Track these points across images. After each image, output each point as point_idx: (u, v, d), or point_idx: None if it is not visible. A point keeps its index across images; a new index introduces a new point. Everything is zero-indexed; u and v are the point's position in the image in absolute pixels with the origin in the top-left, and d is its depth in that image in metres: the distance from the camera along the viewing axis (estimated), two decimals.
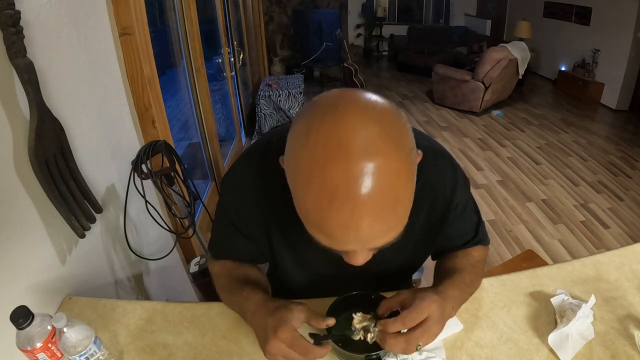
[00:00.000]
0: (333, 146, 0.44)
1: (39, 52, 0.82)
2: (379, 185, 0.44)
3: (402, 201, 0.47)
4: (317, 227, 0.48)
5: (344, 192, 0.43)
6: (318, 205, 0.45)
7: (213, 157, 2.49)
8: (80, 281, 0.97)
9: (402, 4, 7.75)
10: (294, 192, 0.50)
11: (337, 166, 0.43)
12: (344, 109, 0.46)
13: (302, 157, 0.46)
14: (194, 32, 2.14)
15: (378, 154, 0.43)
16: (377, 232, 0.47)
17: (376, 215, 0.45)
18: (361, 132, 0.44)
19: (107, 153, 1.16)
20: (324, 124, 0.45)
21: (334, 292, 0.75)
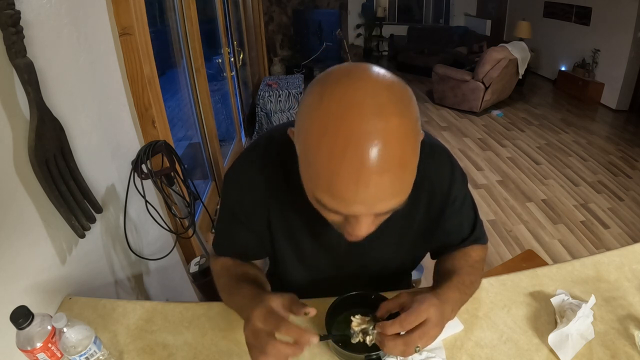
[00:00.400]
0: (347, 104, 0.46)
1: (39, 52, 0.82)
2: (389, 144, 0.46)
3: (408, 166, 0.50)
4: (326, 185, 0.49)
5: (355, 146, 0.45)
6: (330, 159, 0.47)
7: (213, 157, 2.49)
8: (80, 281, 0.97)
9: (402, 4, 7.75)
10: (306, 154, 0.51)
11: (351, 122, 0.45)
12: (357, 75, 0.49)
13: (316, 115, 0.48)
14: (194, 32, 2.14)
15: (389, 115, 0.46)
16: (384, 192, 0.48)
17: (384, 173, 0.47)
18: (374, 94, 0.47)
19: (107, 153, 1.16)
20: (338, 87, 0.48)
21: (334, 291, 0.75)
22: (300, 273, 0.83)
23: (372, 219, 0.54)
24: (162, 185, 1.35)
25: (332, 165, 0.47)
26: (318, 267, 0.81)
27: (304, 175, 0.54)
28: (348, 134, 0.45)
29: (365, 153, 0.45)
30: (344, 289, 0.74)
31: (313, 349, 0.72)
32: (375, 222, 0.55)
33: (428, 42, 6.91)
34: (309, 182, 0.53)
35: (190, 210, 1.48)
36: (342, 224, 0.56)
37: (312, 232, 0.75)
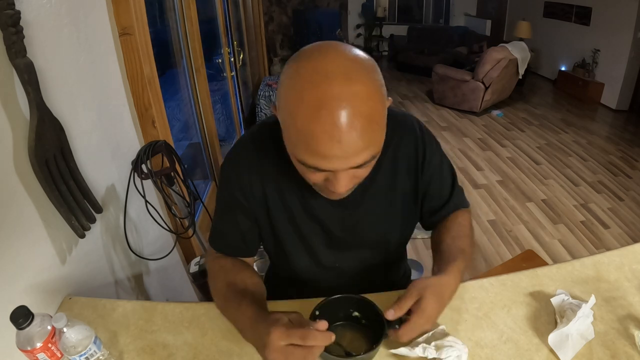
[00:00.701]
0: (317, 74, 0.54)
1: (39, 52, 0.82)
2: (355, 104, 0.54)
3: (377, 121, 0.57)
4: (305, 144, 0.56)
5: (327, 107, 0.53)
6: (306, 120, 0.54)
7: (213, 157, 2.49)
8: (80, 281, 0.97)
9: (402, 4, 7.75)
10: (286, 121, 0.58)
11: (322, 88, 0.53)
12: (326, 50, 0.57)
13: (292, 86, 0.56)
14: (194, 32, 2.14)
15: (355, 79, 0.54)
16: (355, 145, 0.55)
17: (353, 128, 0.54)
18: (341, 64, 0.55)
19: (107, 153, 1.16)
20: (310, 59, 0.56)
21: (334, 278, 0.81)
22: (299, 254, 0.84)
23: (350, 176, 0.60)
24: (162, 185, 1.35)
25: (308, 126, 0.54)
26: (316, 246, 0.82)
27: (287, 141, 0.60)
28: (320, 99, 0.53)
29: (335, 113, 0.53)
30: (343, 275, 0.80)
31: None
32: (353, 179, 0.62)
33: (428, 42, 6.91)
34: (291, 145, 0.59)
35: (190, 210, 1.48)
36: (324, 184, 0.63)
37: (306, 207, 0.78)
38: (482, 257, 2.42)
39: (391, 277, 0.97)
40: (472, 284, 0.86)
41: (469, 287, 0.85)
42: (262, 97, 3.83)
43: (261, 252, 2.33)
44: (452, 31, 7.22)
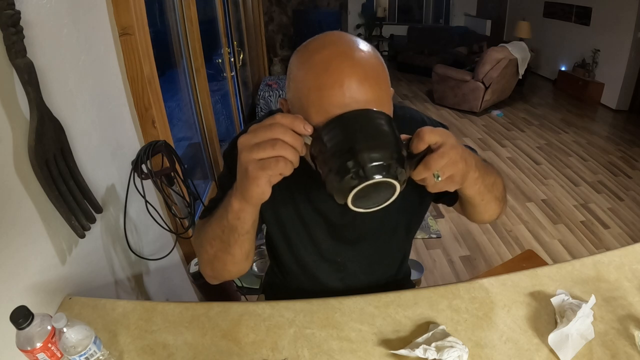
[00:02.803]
0: (326, 42, 0.58)
1: (39, 52, 0.82)
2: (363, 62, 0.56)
3: (382, 81, 0.58)
4: (317, 101, 0.55)
5: (336, 61, 0.55)
6: (316, 76, 0.55)
7: (213, 157, 2.49)
8: (80, 281, 0.97)
9: (402, 4, 7.75)
10: (294, 89, 0.59)
11: (329, 49, 0.57)
12: (331, 32, 0.61)
13: (300, 58, 0.59)
14: (194, 32, 2.14)
15: (362, 48, 0.58)
16: (365, 93, 0.55)
17: (363, 78, 0.55)
18: (347, 38, 0.59)
19: (107, 153, 1.16)
20: (316, 40, 0.60)
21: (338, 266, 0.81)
22: (303, 243, 0.84)
23: None
24: (162, 185, 1.35)
25: (319, 80, 0.55)
26: (318, 236, 0.83)
27: (296, 104, 0.59)
28: (329, 56, 0.56)
29: (344, 65, 0.55)
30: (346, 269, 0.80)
31: (313, 348, 0.72)
32: None
33: (428, 42, 6.91)
34: (302, 109, 0.58)
35: (190, 210, 1.48)
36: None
37: (310, 198, 0.78)
38: (482, 257, 2.42)
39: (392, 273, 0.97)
40: (472, 284, 0.86)
41: (469, 287, 0.85)
42: (262, 97, 3.83)
43: (261, 252, 2.33)
44: (452, 31, 7.22)
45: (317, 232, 0.83)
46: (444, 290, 0.84)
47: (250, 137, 0.52)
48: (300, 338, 0.74)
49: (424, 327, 0.75)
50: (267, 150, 0.51)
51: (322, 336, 0.74)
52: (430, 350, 0.68)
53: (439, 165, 0.53)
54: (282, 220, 0.82)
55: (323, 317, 0.78)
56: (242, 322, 0.78)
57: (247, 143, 0.52)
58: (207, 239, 0.70)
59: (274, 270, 1.01)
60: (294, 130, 0.52)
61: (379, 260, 0.88)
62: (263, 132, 0.51)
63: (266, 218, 0.83)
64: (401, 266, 0.99)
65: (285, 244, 0.86)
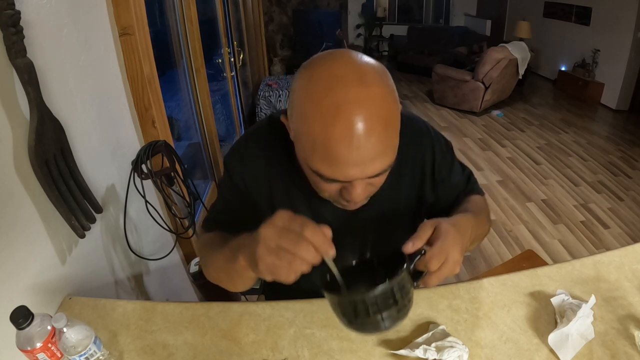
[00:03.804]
0: (333, 79, 0.53)
1: (39, 52, 0.82)
2: (372, 108, 0.53)
3: (393, 125, 0.56)
4: (323, 153, 0.54)
5: (344, 113, 0.52)
6: (323, 128, 0.53)
7: (213, 157, 2.49)
8: (80, 281, 0.97)
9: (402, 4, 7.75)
10: (301, 130, 0.57)
11: (337, 92, 0.52)
12: (338, 55, 0.57)
13: (306, 94, 0.55)
14: (194, 32, 2.14)
15: (370, 83, 0.54)
16: (374, 151, 0.54)
17: (371, 134, 0.53)
18: (355, 68, 0.54)
19: (107, 153, 1.16)
20: (323, 66, 0.55)
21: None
22: None
23: (365, 184, 0.59)
24: (162, 185, 1.36)
25: (325, 134, 0.53)
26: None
27: (301, 152, 0.59)
28: (336, 104, 0.52)
29: (353, 118, 0.52)
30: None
31: (313, 349, 0.72)
32: (368, 187, 0.60)
33: (428, 42, 6.91)
34: (306, 156, 0.58)
35: (190, 210, 1.48)
36: (338, 194, 0.61)
37: (311, 206, 0.78)
38: (482, 257, 2.42)
39: None
40: (472, 284, 0.86)
41: (469, 287, 0.85)
42: (262, 97, 3.83)
43: None
44: (452, 31, 7.22)
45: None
46: (444, 290, 0.84)
47: (275, 235, 0.51)
48: (300, 338, 0.74)
49: (424, 327, 0.75)
50: (283, 261, 0.51)
51: (322, 336, 0.74)
52: (431, 350, 0.68)
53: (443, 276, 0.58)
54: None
55: (323, 317, 0.78)
56: (242, 322, 0.79)
57: (269, 240, 0.51)
58: (213, 266, 0.71)
59: None
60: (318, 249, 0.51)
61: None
62: (288, 241, 0.50)
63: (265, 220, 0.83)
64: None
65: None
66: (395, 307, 0.54)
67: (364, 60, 0.57)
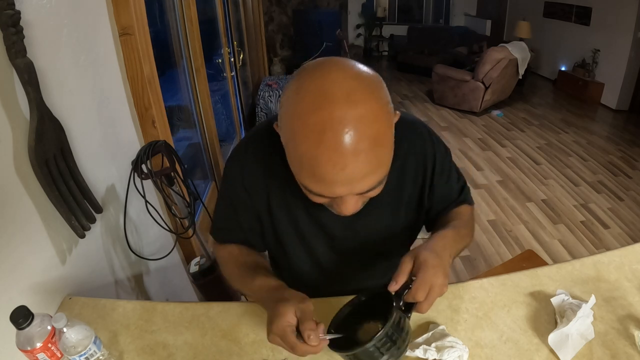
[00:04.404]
0: (320, 96, 0.52)
1: (39, 52, 0.82)
2: (359, 128, 0.51)
3: (382, 143, 0.55)
4: (309, 171, 0.54)
5: (330, 133, 0.51)
6: (309, 147, 0.52)
7: (213, 157, 2.49)
8: (80, 281, 0.97)
9: (402, 4, 7.75)
10: (288, 144, 0.56)
11: (323, 112, 0.51)
12: (328, 67, 0.54)
13: (293, 109, 0.54)
14: (194, 32, 2.14)
15: (358, 101, 0.52)
16: (360, 171, 0.53)
17: (358, 154, 0.52)
18: (343, 84, 0.52)
19: (107, 153, 1.16)
20: (311, 80, 0.54)
21: (335, 280, 0.80)
22: (300, 254, 0.84)
23: (356, 198, 0.59)
24: (162, 185, 1.35)
25: (311, 152, 0.52)
26: (317, 248, 0.82)
27: (291, 164, 0.59)
28: (323, 123, 0.51)
29: (339, 138, 0.50)
30: (343, 276, 0.79)
31: None
32: (360, 199, 0.60)
33: (428, 42, 6.91)
34: (295, 170, 0.58)
35: (190, 210, 1.48)
36: (330, 204, 0.62)
37: (309, 211, 0.78)
38: (482, 257, 2.42)
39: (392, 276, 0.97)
40: (472, 284, 0.86)
41: (469, 287, 0.85)
42: (262, 97, 3.83)
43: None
44: (452, 31, 7.21)
45: (317, 245, 0.82)
46: None
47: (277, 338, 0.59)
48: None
49: (424, 327, 0.75)
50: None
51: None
52: (431, 350, 0.68)
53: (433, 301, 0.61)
54: (280, 236, 0.81)
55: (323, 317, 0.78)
56: (242, 322, 0.79)
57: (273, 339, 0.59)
58: (233, 282, 0.78)
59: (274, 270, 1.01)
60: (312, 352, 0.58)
61: (378, 267, 0.88)
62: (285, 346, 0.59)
63: (264, 227, 0.83)
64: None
65: (283, 255, 0.85)
66: (395, 346, 0.59)
67: (355, 72, 0.54)
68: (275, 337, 0.59)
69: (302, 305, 0.61)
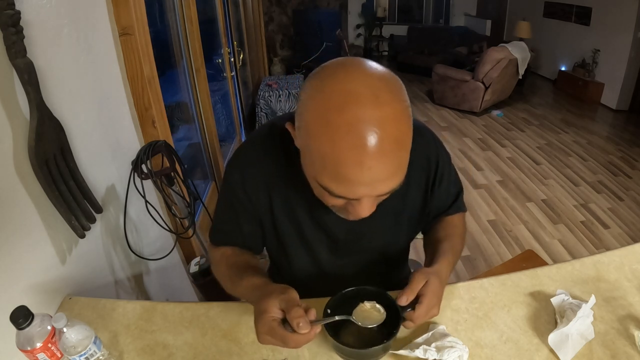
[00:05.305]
0: (345, 95, 0.51)
1: (39, 52, 0.82)
2: (386, 129, 0.51)
3: (405, 145, 0.55)
4: (332, 172, 0.53)
5: (357, 133, 0.50)
6: (334, 147, 0.51)
7: (213, 157, 2.49)
8: (80, 281, 0.97)
9: (402, 4, 7.75)
10: (310, 144, 0.55)
11: (350, 111, 0.50)
12: (352, 67, 0.54)
13: (316, 108, 0.53)
14: (194, 32, 2.14)
15: (384, 102, 0.51)
16: (386, 172, 0.53)
17: (384, 155, 0.52)
18: (368, 84, 0.52)
19: (107, 153, 1.16)
20: (335, 79, 0.52)
21: (335, 282, 0.78)
22: (302, 257, 0.83)
23: (373, 200, 0.59)
24: (162, 185, 1.35)
25: (336, 153, 0.51)
26: (319, 251, 0.82)
27: (308, 166, 0.58)
28: (349, 124, 0.50)
29: (366, 139, 0.50)
30: (344, 278, 0.78)
31: (313, 349, 0.72)
32: (376, 202, 0.60)
33: (428, 42, 6.91)
34: (314, 172, 0.57)
35: (190, 210, 1.48)
36: (344, 206, 0.61)
37: (312, 214, 0.77)
38: (482, 257, 2.42)
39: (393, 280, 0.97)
40: (472, 284, 0.86)
41: (469, 287, 0.85)
42: (262, 97, 3.83)
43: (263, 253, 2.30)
44: (452, 31, 7.21)
45: (319, 248, 0.82)
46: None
47: (267, 336, 0.59)
48: None
49: (424, 327, 0.75)
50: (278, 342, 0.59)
51: (322, 336, 0.74)
52: (431, 350, 0.68)
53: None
54: (282, 238, 0.81)
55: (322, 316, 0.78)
56: (242, 322, 0.79)
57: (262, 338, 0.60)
58: (224, 284, 0.77)
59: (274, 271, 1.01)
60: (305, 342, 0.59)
61: (380, 267, 0.88)
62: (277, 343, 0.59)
63: (266, 237, 0.83)
64: (402, 268, 1.00)
65: (284, 257, 0.85)
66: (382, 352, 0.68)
67: (378, 73, 0.54)
68: (264, 337, 0.59)
69: (284, 296, 0.61)
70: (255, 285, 0.68)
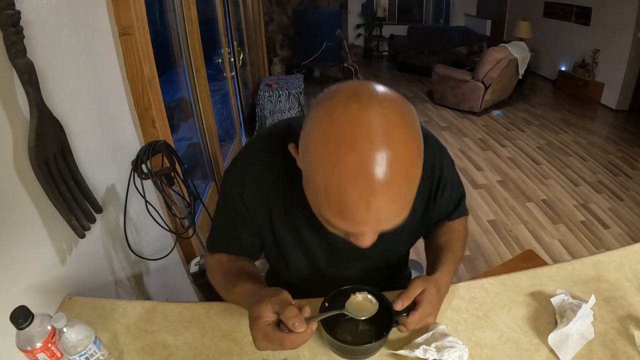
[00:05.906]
0: (358, 132, 0.47)
1: (39, 52, 0.82)
2: (397, 170, 0.48)
3: (412, 186, 0.53)
4: (337, 210, 0.51)
5: (366, 173, 0.47)
6: (341, 186, 0.49)
7: (213, 157, 2.49)
8: (80, 281, 0.97)
9: (402, 4, 7.75)
10: (314, 176, 0.52)
11: (361, 151, 0.47)
12: (366, 97, 0.50)
13: (327, 140, 0.49)
14: (194, 32, 2.14)
15: (398, 142, 0.48)
16: (392, 212, 0.52)
17: (393, 196, 0.50)
18: (383, 121, 0.48)
19: (107, 153, 1.16)
20: (348, 111, 0.49)
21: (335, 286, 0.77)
22: (301, 264, 0.83)
23: (376, 233, 0.58)
24: (162, 185, 1.35)
25: (343, 192, 0.49)
26: (319, 259, 0.82)
27: (312, 196, 0.55)
28: (359, 164, 0.47)
29: (376, 182, 0.48)
30: (344, 283, 0.76)
31: (314, 349, 0.72)
32: (377, 234, 0.58)
33: (428, 42, 6.91)
34: (317, 203, 0.54)
35: (190, 210, 1.48)
36: (346, 235, 0.59)
37: (312, 225, 0.76)
38: (482, 257, 2.42)
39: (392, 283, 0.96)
40: (472, 284, 0.86)
41: (469, 287, 0.85)
42: (262, 97, 3.83)
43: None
44: (452, 31, 7.21)
45: (319, 257, 0.81)
46: None
47: (263, 341, 0.59)
48: None
49: (424, 327, 0.75)
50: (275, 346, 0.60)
51: (322, 337, 0.74)
52: (430, 350, 0.68)
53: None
54: (282, 246, 0.80)
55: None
56: (242, 322, 0.78)
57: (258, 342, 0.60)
58: (220, 291, 0.77)
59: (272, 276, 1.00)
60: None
61: (380, 272, 0.88)
62: (274, 347, 0.60)
63: (265, 244, 0.82)
64: (402, 271, 1.00)
65: (283, 264, 0.84)
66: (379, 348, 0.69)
67: (390, 104, 0.50)
68: (260, 343, 0.59)
69: (276, 298, 0.61)
70: (249, 291, 0.68)
